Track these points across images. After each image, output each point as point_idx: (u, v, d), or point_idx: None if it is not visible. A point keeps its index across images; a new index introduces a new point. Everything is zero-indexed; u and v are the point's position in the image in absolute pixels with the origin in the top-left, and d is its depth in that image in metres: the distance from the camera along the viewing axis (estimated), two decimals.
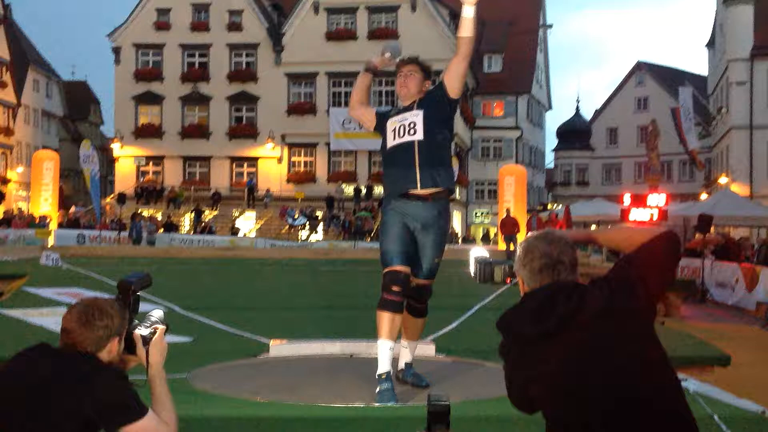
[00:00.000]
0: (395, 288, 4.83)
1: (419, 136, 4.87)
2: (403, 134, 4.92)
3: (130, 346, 2.61)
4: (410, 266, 4.91)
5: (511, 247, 26.49)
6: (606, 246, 2.68)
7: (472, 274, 2.66)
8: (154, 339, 2.63)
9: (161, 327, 2.66)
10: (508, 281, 2.58)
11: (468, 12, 4.80)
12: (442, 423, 2.21)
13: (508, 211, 27.58)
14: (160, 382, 2.62)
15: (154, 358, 2.62)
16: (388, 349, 4.80)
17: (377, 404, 4.59)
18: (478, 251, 2.68)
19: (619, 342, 2.24)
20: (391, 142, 5.00)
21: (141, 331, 2.62)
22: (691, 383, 4.91)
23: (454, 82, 4.93)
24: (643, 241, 2.40)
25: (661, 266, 2.36)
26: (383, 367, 4.76)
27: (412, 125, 4.90)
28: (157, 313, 2.71)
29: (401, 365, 5.21)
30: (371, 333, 4.96)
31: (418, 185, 4.85)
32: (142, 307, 2.78)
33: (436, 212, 4.96)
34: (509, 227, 26.83)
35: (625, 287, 2.29)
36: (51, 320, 7.93)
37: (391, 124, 5.02)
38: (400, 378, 5.13)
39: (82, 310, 2.53)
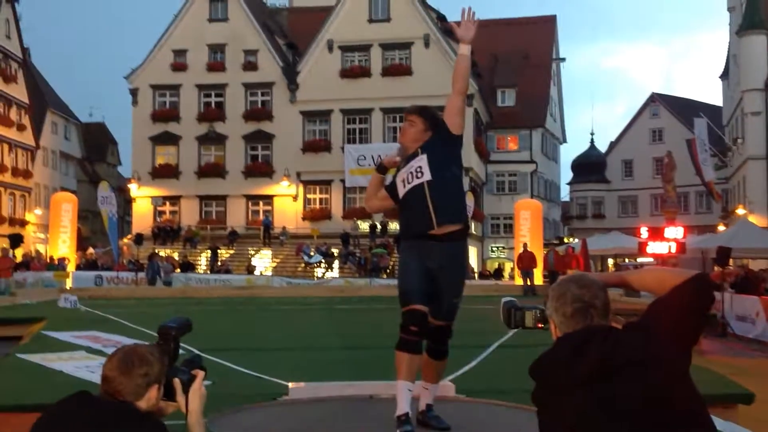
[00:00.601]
0: (413, 328, 4.81)
1: (427, 176, 4.87)
2: (412, 180, 4.93)
3: (169, 393, 2.58)
4: (429, 306, 4.87)
5: (528, 283, 26.38)
6: (638, 288, 2.68)
7: (502, 320, 2.66)
8: (193, 386, 2.60)
9: (201, 373, 2.64)
10: (540, 326, 2.58)
11: (464, 50, 4.90)
12: None
13: (525, 245, 27.45)
14: (198, 429, 2.59)
15: (194, 405, 2.58)
16: (407, 390, 4.77)
17: None
18: (507, 297, 2.69)
19: (654, 388, 2.23)
20: (402, 191, 5.00)
21: (181, 377, 2.61)
22: (715, 422, 4.85)
23: (453, 118, 4.97)
24: (674, 284, 2.39)
25: (692, 310, 2.35)
26: (402, 408, 4.73)
27: (418, 169, 4.91)
28: (197, 359, 2.70)
29: (422, 407, 5.17)
30: (390, 372, 4.94)
31: (434, 225, 4.85)
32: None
33: (453, 252, 4.94)
34: (527, 262, 26.71)
35: (658, 332, 2.28)
36: (70, 365, 7.95)
37: (400, 176, 5.03)
38: (421, 420, 5.09)
39: (122, 358, 2.52)
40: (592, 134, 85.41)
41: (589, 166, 60.85)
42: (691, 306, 2.34)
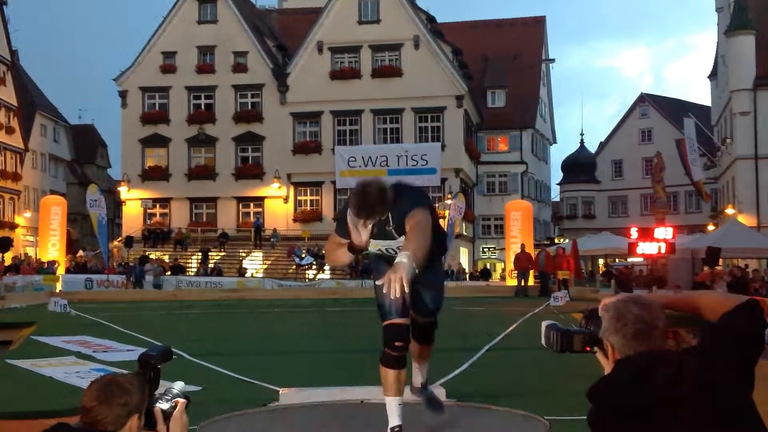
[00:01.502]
0: (398, 343, 4.71)
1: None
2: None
3: (150, 422, 2.54)
4: (411, 308, 4.78)
5: (522, 283, 26.40)
6: (688, 311, 2.59)
7: (546, 343, 2.54)
8: (174, 414, 2.56)
9: (182, 401, 2.60)
10: (588, 350, 2.50)
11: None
12: None
13: (523, 246, 27.46)
14: None
15: None
16: (397, 405, 4.73)
17: None
18: (548, 321, 2.59)
19: (718, 415, 2.17)
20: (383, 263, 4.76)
21: (162, 405, 2.58)
22: None
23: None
24: (725, 309, 2.35)
25: (744, 336, 2.29)
26: (395, 421, 4.71)
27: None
28: (178, 386, 2.66)
29: (416, 383, 5.23)
30: (380, 376, 4.91)
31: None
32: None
33: (429, 271, 4.75)
34: (523, 263, 26.74)
35: (716, 359, 2.24)
36: (59, 371, 7.91)
37: (374, 246, 4.69)
38: (418, 394, 5.18)
39: (100, 388, 2.48)
40: (581, 135, 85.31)
41: (579, 166, 60.91)
42: (742, 332, 2.29)
